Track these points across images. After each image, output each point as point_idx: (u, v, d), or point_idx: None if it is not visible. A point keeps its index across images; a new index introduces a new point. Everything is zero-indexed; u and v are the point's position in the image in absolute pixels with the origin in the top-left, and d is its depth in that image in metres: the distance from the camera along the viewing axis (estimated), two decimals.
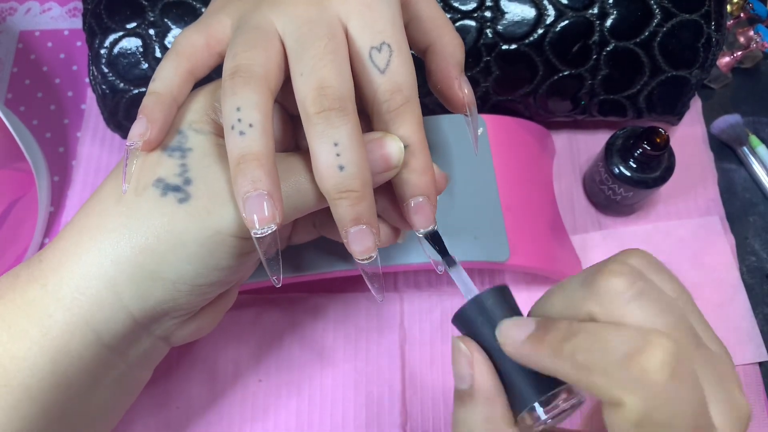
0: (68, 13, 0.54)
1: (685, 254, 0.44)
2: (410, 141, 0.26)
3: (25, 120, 0.49)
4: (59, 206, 0.47)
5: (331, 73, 0.24)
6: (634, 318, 0.20)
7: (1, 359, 0.25)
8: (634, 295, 0.20)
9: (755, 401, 0.41)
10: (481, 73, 0.42)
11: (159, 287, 0.26)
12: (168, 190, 0.25)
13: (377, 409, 0.40)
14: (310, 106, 0.24)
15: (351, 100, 0.24)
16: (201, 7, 0.41)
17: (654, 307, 0.20)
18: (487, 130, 0.41)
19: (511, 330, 0.23)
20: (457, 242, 0.37)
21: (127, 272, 0.26)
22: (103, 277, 0.26)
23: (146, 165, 0.26)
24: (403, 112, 0.25)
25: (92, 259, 0.26)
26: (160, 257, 0.25)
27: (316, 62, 0.24)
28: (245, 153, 0.23)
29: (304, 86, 0.24)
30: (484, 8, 0.40)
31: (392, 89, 0.25)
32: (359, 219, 0.24)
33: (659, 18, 0.40)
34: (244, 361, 0.41)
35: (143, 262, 0.25)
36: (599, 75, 0.42)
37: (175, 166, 0.26)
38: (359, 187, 0.24)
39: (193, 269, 0.26)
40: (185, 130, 0.27)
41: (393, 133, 0.26)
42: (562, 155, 0.48)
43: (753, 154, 0.48)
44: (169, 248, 0.25)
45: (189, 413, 0.40)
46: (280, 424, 0.39)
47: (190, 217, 0.25)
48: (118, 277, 0.26)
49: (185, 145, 0.26)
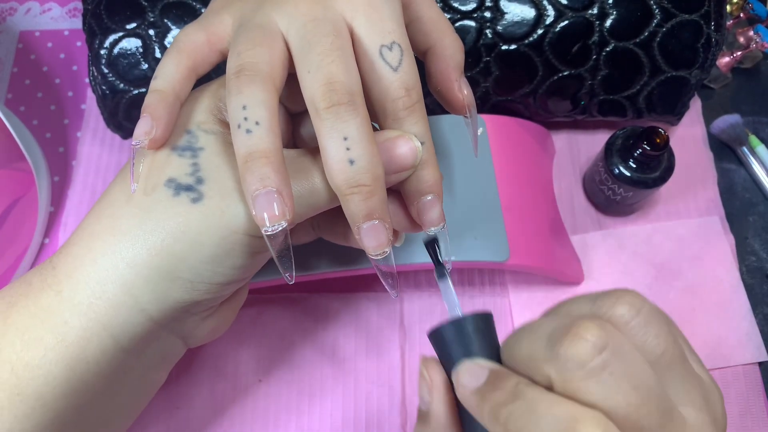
0: (68, 13, 0.54)
1: (685, 254, 0.44)
2: (424, 138, 0.26)
3: (25, 120, 0.49)
4: (59, 206, 0.47)
5: (339, 68, 0.24)
6: (590, 395, 0.18)
7: (14, 367, 0.25)
8: (595, 369, 0.18)
9: (755, 401, 0.41)
10: (481, 73, 0.42)
11: (177, 287, 0.26)
12: (181, 190, 0.25)
13: (377, 409, 0.40)
14: (320, 101, 0.24)
15: (360, 95, 0.24)
16: (201, 7, 0.41)
17: (615, 384, 0.18)
18: (486, 130, 0.41)
19: (464, 376, 0.22)
20: (457, 242, 0.37)
21: (144, 274, 0.25)
22: (119, 280, 0.25)
23: (156, 165, 0.26)
24: (416, 110, 0.26)
25: (107, 263, 0.25)
26: (177, 258, 0.25)
27: (323, 58, 0.24)
28: (252, 151, 0.23)
29: (313, 82, 0.24)
30: (484, 8, 0.40)
31: (406, 87, 0.25)
32: (372, 214, 0.24)
33: (659, 18, 0.40)
34: (243, 361, 0.41)
35: (160, 263, 0.25)
36: (599, 75, 0.42)
37: (186, 166, 0.26)
38: (370, 181, 0.24)
39: (210, 268, 0.26)
40: (194, 130, 0.27)
41: (408, 130, 0.26)
42: (561, 155, 0.48)
43: (753, 154, 0.48)
44: (186, 249, 0.25)
45: (189, 413, 0.40)
46: (279, 424, 0.39)
47: (204, 216, 0.25)
48: (134, 279, 0.25)
49: (196, 145, 0.26)
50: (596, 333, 0.18)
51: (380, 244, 0.25)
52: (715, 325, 0.42)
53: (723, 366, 0.41)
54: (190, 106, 0.27)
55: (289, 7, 0.26)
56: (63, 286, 0.26)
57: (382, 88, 0.25)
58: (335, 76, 0.24)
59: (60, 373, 0.25)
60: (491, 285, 0.43)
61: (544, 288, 0.43)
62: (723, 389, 0.40)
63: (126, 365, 0.28)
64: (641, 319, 0.20)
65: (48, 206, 0.46)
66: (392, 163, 0.25)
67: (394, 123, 0.26)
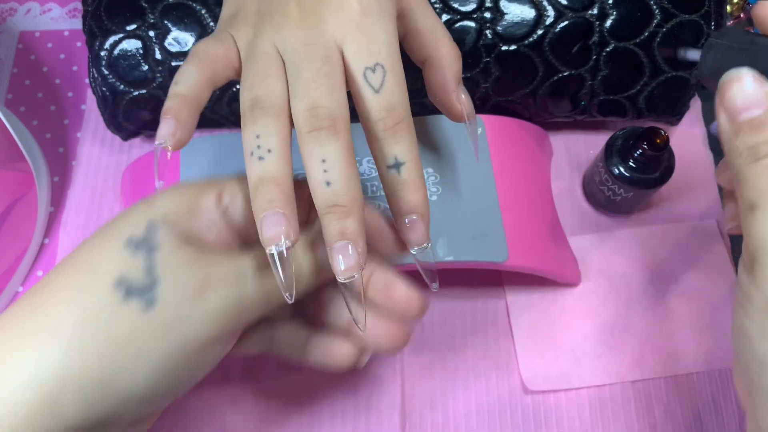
0: (68, 13, 0.54)
1: (682, 257, 0.44)
2: (405, 159, 0.26)
3: (25, 120, 0.49)
4: (59, 206, 0.47)
5: (324, 93, 0.25)
6: None
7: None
8: None
9: None
10: (481, 74, 0.42)
11: (110, 399, 0.23)
12: (132, 295, 0.23)
13: (376, 413, 0.40)
14: (303, 126, 0.25)
15: (343, 120, 0.25)
16: (201, 8, 0.41)
17: None
18: (485, 131, 0.41)
19: (745, 86, 0.21)
20: (455, 242, 0.37)
21: (75, 382, 0.22)
22: (44, 386, 0.22)
23: (106, 254, 0.24)
24: (398, 130, 0.26)
25: (31, 367, 0.22)
26: (116, 369, 0.23)
27: (310, 84, 0.25)
28: (264, 176, 0.24)
29: (299, 107, 0.25)
30: (484, 9, 0.40)
31: (387, 108, 0.26)
32: (344, 233, 0.24)
33: (659, 18, 0.40)
34: (242, 365, 0.41)
35: (92, 374, 0.23)
36: (599, 75, 0.42)
37: (139, 263, 0.24)
38: (347, 202, 0.24)
39: (150, 384, 0.24)
40: (156, 222, 0.25)
41: (389, 151, 0.26)
42: (561, 156, 0.48)
43: None
44: (128, 360, 0.23)
45: (187, 415, 0.40)
46: (280, 424, 0.40)
47: (154, 328, 0.23)
48: (62, 387, 0.22)
49: (154, 240, 0.24)
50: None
51: (348, 268, 0.24)
52: (713, 328, 0.42)
53: (723, 367, 0.41)
54: (154, 196, 0.26)
55: (285, 31, 0.26)
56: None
57: (365, 110, 0.26)
58: (319, 102, 0.24)
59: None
60: (489, 286, 0.43)
61: (543, 288, 0.43)
62: (722, 389, 0.41)
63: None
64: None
65: (48, 206, 0.46)
66: (394, 308, 0.27)
67: (376, 143, 0.26)
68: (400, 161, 0.26)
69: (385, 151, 0.26)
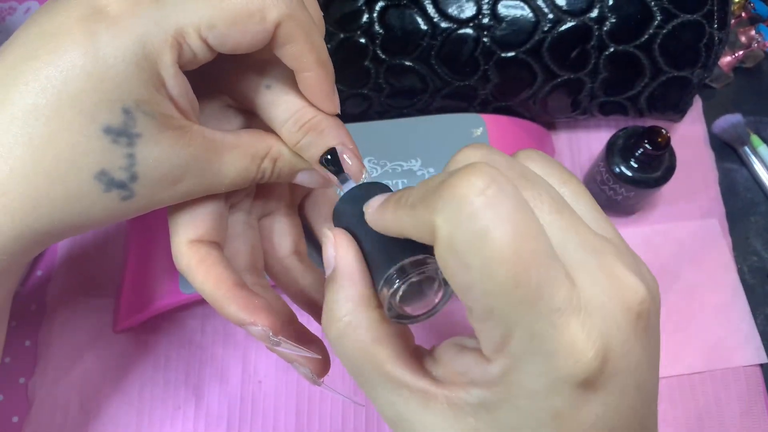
0: None
1: (684, 257, 0.44)
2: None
3: None
4: None
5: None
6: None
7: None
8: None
9: (756, 402, 0.41)
10: (480, 81, 0.42)
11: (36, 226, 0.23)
12: (112, 187, 0.23)
13: (376, 412, 0.40)
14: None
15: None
16: None
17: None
18: (486, 130, 0.41)
19: (374, 200, 0.22)
20: None
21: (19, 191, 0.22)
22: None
23: (86, 149, 0.22)
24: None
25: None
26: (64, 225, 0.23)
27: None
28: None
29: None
30: (482, 16, 0.40)
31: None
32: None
33: (659, 20, 0.40)
34: (243, 362, 0.41)
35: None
36: (599, 78, 0.42)
37: (121, 157, 0.23)
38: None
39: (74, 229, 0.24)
40: (132, 110, 0.22)
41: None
42: (562, 155, 0.48)
43: (754, 153, 0.47)
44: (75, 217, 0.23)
45: (188, 414, 0.40)
46: (279, 425, 0.39)
47: (126, 212, 0.24)
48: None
49: (132, 130, 0.23)
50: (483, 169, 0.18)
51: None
52: (715, 327, 0.42)
53: (723, 367, 0.41)
54: (130, 73, 0.22)
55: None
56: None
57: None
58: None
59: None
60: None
61: None
62: (724, 390, 0.40)
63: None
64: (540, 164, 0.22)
65: None
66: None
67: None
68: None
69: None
